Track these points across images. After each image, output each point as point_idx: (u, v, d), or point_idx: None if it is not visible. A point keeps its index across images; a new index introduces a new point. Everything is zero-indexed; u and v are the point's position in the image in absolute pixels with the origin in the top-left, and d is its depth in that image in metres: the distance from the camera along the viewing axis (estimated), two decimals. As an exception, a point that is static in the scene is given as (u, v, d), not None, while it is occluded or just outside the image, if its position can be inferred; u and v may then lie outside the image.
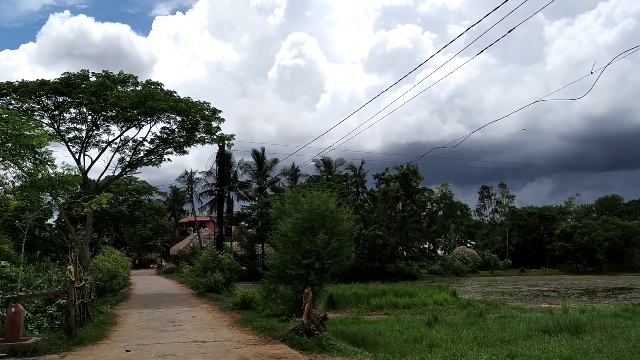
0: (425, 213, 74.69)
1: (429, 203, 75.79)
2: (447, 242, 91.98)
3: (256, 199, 63.82)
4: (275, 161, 63.61)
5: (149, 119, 31.37)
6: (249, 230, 64.08)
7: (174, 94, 30.79)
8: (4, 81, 29.72)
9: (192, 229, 78.45)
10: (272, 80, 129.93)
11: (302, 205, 17.81)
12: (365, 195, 73.13)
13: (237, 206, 66.54)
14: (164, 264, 71.65)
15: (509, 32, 12.18)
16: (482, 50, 14.92)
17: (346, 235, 17.58)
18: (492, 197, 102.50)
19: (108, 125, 32.27)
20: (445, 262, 76.80)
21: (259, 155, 64.26)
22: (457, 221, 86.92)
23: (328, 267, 17.06)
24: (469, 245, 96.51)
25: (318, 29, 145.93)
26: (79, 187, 26.78)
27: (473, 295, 39.33)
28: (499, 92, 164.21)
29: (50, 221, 59.86)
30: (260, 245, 61.85)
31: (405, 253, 77.71)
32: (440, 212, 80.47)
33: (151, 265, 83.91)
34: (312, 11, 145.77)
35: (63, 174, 15.82)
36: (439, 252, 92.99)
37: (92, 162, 32.34)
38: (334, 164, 71.98)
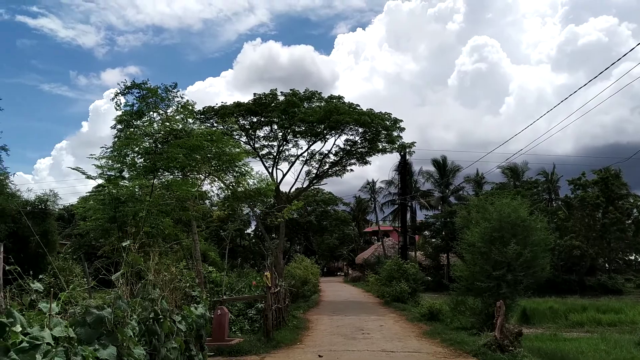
0: (630, 221, 66.75)
1: (635, 210, 67.63)
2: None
3: (439, 207, 62.67)
4: (457, 169, 61.94)
5: (333, 132, 32.67)
6: (433, 240, 63.06)
7: (357, 107, 31.67)
8: (207, 106, 33.20)
9: (375, 238, 79.59)
10: (451, 87, 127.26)
11: (490, 214, 17.03)
12: (560, 203, 67.69)
13: (420, 215, 65.91)
14: (350, 272, 73.60)
15: None
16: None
17: (540, 245, 16.41)
18: None
19: (297, 140, 34.34)
20: (657, 276, 67.81)
21: (439, 164, 63.03)
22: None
23: (521, 279, 16.08)
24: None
25: (500, 31, 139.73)
26: (272, 199, 28.78)
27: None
28: None
29: (248, 231, 65.08)
30: (445, 255, 60.52)
31: (607, 265, 70.17)
32: (649, 220, 71.30)
33: (338, 273, 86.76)
34: (493, 13, 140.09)
35: (260, 186, 17.09)
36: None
37: (284, 175, 34.59)
38: (520, 170, 67.89)
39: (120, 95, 13.33)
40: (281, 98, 32.64)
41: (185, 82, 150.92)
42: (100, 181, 10.23)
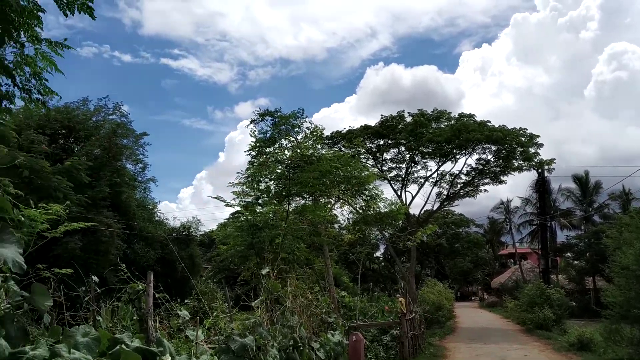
0: None
1: None
2: None
3: (581, 227, 58.05)
4: (598, 185, 57.10)
5: (463, 151, 31.63)
6: (576, 262, 58.42)
7: (488, 124, 30.45)
8: (335, 131, 33.70)
9: (512, 261, 75.51)
10: (588, 98, 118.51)
11: (647, 234, 15.33)
12: None
13: (560, 236, 61.47)
14: (485, 296, 70.38)
15: None
16: None
17: None
18: None
19: (425, 162, 33.69)
20: None
21: (581, 180, 58.49)
22: None
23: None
24: None
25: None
26: (401, 222, 28.35)
27: None
28: None
29: (377, 254, 64.71)
30: (591, 278, 55.74)
31: None
32: None
33: (472, 298, 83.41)
34: (632, 17, 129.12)
35: (391, 209, 16.83)
36: None
37: (412, 198, 34.01)
38: (678, 184, 61.15)
39: (254, 123, 13.85)
40: (408, 119, 32.30)
41: (312, 110, 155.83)
42: (237, 208, 10.60)
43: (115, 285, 5.19)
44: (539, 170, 34.89)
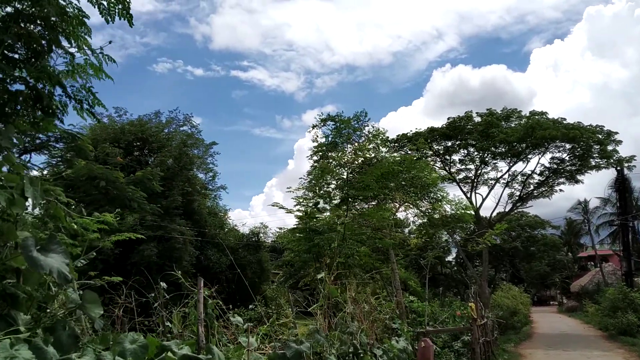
0: None
1: None
2: None
3: (670, 227, 54.54)
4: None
5: (536, 150, 30.46)
6: (664, 264, 54.92)
7: (563, 121, 29.18)
8: (401, 134, 33.26)
9: (592, 263, 72.00)
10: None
11: None
12: None
13: (645, 237, 57.99)
14: (564, 301, 67.44)
15: None
16: None
17: None
18: None
19: (495, 162, 32.69)
20: None
21: (667, 177, 55.10)
22: None
23: None
24: None
25: None
26: (472, 224, 27.59)
27: None
28: None
29: (449, 258, 63.40)
30: (682, 281, 52.23)
31: None
32: None
33: (551, 303, 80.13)
34: None
35: (457, 211, 16.39)
36: None
37: (483, 200, 33.08)
38: None
39: (316, 127, 13.87)
40: (477, 119, 31.45)
41: (379, 115, 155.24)
42: (297, 213, 10.60)
43: (185, 292, 5.27)
44: (618, 168, 33.05)
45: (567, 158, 30.66)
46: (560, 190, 33.06)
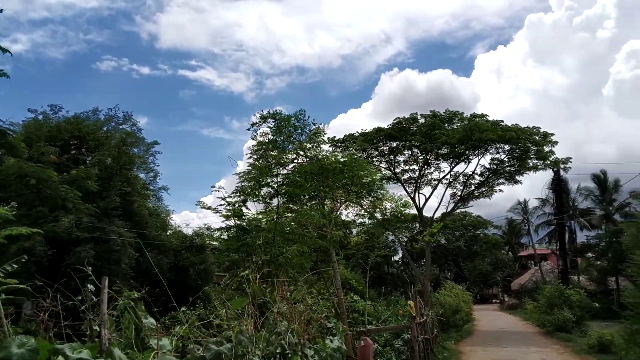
0: None
1: None
2: None
3: (602, 227, 56.83)
4: (617, 183, 55.85)
5: (477, 151, 31.16)
6: (598, 263, 57.21)
7: (501, 123, 29.94)
8: (348, 134, 33.41)
9: (532, 262, 74.39)
10: (607, 97, 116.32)
11: (665, 231, 14.78)
12: None
13: (581, 236, 60.25)
14: (505, 299, 69.37)
15: None
16: None
17: None
18: None
19: (438, 163, 33.26)
20: None
21: (600, 179, 57.33)
22: None
23: None
24: None
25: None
26: (417, 224, 27.92)
27: None
28: None
29: (396, 258, 64.06)
30: (614, 278, 54.50)
31: None
32: None
33: (493, 301, 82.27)
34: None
35: (397, 208, 16.47)
36: None
37: (426, 200, 33.58)
38: (700, 180, 59.60)
39: (256, 125, 13.65)
40: (421, 120, 31.91)
41: (329, 116, 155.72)
42: (224, 212, 10.30)
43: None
44: (555, 170, 34.24)
45: (506, 159, 31.52)
46: (500, 190, 33.97)
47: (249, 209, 10.02)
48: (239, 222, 9.54)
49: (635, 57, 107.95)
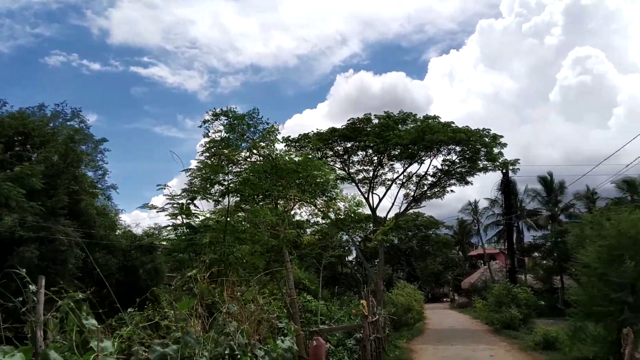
0: None
1: None
2: None
3: (548, 227, 58.73)
4: (562, 185, 57.85)
5: (429, 152, 31.66)
6: (544, 262, 59.06)
7: (452, 125, 30.50)
8: (302, 133, 33.38)
9: (481, 261, 76.15)
10: (554, 102, 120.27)
11: (606, 230, 15.31)
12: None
13: (528, 236, 62.06)
14: (456, 297, 70.76)
15: None
16: None
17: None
18: None
19: (392, 164, 33.63)
20: None
21: (546, 181, 59.21)
22: None
23: (647, 301, 14.19)
24: None
25: (604, 41, 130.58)
26: (371, 225, 28.12)
27: None
28: None
29: (350, 258, 64.38)
30: (559, 277, 56.37)
31: None
32: None
33: (444, 299, 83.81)
34: (595, 23, 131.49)
35: (350, 208, 16.52)
36: None
37: (380, 200, 33.89)
38: (638, 183, 62.28)
39: (208, 122, 13.44)
40: (375, 121, 32.19)
41: (284, 116, 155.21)
42: (170, 210, 10.05)
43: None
44: (504, 171, 35.15)
45: (457, 160, 32.16)
46: (452, 191, 34.62)
47: (198, 207, 9.81)
48: (187, 221, 9.34)
49: (581, 63, 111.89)
